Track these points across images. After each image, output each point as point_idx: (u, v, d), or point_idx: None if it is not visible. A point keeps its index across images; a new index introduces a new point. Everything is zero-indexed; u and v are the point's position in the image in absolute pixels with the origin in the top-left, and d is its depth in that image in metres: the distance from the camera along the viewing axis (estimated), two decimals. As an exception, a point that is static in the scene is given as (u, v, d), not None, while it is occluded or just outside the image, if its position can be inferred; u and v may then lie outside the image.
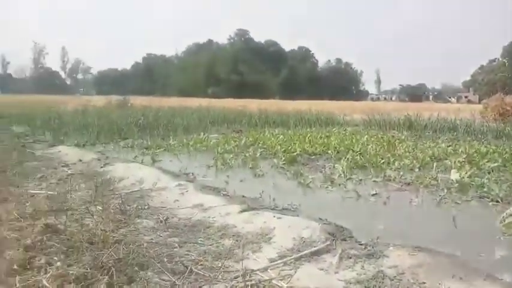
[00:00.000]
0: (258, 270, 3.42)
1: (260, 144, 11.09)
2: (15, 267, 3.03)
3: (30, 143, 11.87)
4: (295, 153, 9.41)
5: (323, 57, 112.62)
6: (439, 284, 3.09)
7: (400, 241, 3.90)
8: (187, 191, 5.96)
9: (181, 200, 5.59)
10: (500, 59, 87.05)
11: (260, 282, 3.22)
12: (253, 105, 27.22)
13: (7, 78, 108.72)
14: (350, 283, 3.18)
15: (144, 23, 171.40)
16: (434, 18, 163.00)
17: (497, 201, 5.59)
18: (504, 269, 3.40)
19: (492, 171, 7.53)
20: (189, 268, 3.35)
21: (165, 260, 3.51)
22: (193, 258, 3.64)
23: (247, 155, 9.51)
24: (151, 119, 17.12)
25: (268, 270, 3.44)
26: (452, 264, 3.36)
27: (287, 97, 59.49)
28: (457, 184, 6.41)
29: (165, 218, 4.80)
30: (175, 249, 3.83)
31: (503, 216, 4.70)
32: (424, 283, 3.12)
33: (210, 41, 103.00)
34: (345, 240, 4.03)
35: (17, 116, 20.91)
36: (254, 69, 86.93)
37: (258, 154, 9.65)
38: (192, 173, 7.47)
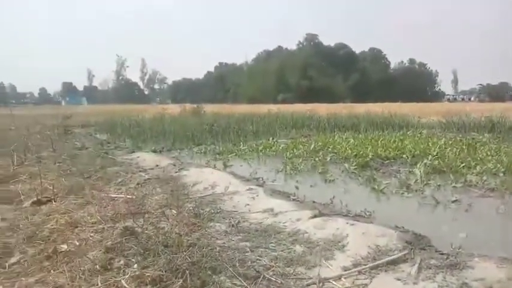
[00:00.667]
0: (332, 278, 3.31)
1: (330, 149, 10.84)
2: (97, 267, 3.20)
3: (111, 150, 12.68)
4: (367, 158, 9.07)
5: (396, 58, 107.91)
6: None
7: (485, 251, 3.57)
8: (257, 196, 5.97)
9: (252, 205, 5.60)
10: None
11: (334, 291, 3.11)
12: (322, 109, 26.85)
13: (93, 90, 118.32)
14: (431, 296, 2.96)
15: (217, 33, 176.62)
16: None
17: None
18: None
19: None
20: (261, 275, 3.32)
21: (237, 264, 3.51)
22: (264, 263, 3.61)
23: (316, 159, 9.35)
24: (223, 125, 17.52)
25: (342, 279, 3.31)
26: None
27: (358, 100, 57.99)
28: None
29: (236, 222, 4.83)
30: (247, 254, 3.82)
31: None
32: (517, 300, 2.81)
33: (279, 48, 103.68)
34: (424, 249, 3.77)
35: (101, 125, 22.55)
36: (323, 73, 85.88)
37: (328, 159, 9.44)
38: (262, 178, 7.48)
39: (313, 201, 5.60)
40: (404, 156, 9.35)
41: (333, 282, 3.24)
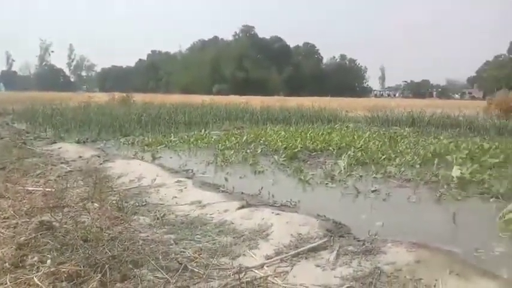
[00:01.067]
0: (254, 267, 3.39)
1: (261, 141, 11.04)
2: (6, 265, 3.00)
3: (30, 140, 11.88)
4: (296, 150, 9.36)
5: (328, 54, 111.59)
6: (436, 280, 3.04)
7: (398, 237, 3.85)
8: (186, 188, 5.92)
9: (180, 197, 5.56)
10: (506, 55, 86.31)
11: (255, 279, 3.19)
12: (256, 101, 27.16)
13: (12, 76, 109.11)
14: (346, 280, 3.15)
15: (149, 20, 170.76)
16: (440, 14, 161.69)
17: (498, 198, 5.53)
18: (502, 265, 3.35)
19: (493, 167, 7.46)
20: (183, 265, 3.32)
21: (160, 257, 3.48)
22: (188, 255, 3.61)
23: (248, 151, 9.48)
24: (153, 115, 17.09)
25: (264, 267, 3.40)
26: (450, 261, 3.30)
27: (291, 93, 59.36)
28: (457, 180, 6.35)
29: (162, 214, 4.77)
30: (171, 247, 3.79)
31: (502, 213, 4.66)
32: (421, 279, 3.07)
33: (215, 38, 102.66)
34: (343, 236, 3.99)
35: (19, 113, 20.95)
36: (259, 66, 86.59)
37: (259, 151, 9.61)
38: (192, 170, 7.44)
39: (242, 193, 5.68)
40: (331, 148, 9.79)
41: (255, 270, 3.32)
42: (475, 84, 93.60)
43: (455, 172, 6.64)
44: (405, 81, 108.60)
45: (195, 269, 3.29)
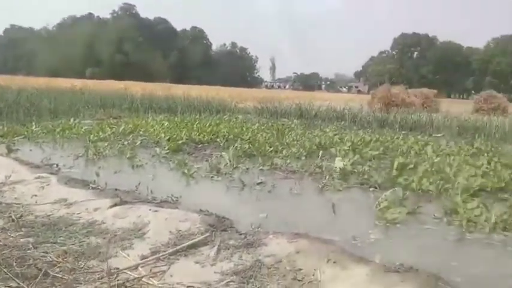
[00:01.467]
0: (127, 268, 3.33)
1: (141, 132, 10.79)
2: None
3: None
4: (180, 142, 9.33)
5: (217, 41, 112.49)
6: (315, 269, 3.32)
7: (280, 229, 4.10)
8: (48, 185, 5.53)
9: (41, 195, 5.18)
10: (389, 51, 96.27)
11: (128, 281, 3.14)
12: (137, 88, 26.34)
13: None
14: (226, 274, 3.26)
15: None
16: (330, 8, 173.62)
17: (376, 188, 6.19)
18: (375, 251, 3.77)
19: (373, 158, 8.32)
20: (43, 271, 3.12)
21: (14, 264, 3.22)
22: (50, 260, 3.40)
23: (125, 143, 9.19)
24: (11, 101, 15.50)
25: (139, 268, 3.36)
26: (329, 250, 3.62)
27: (177, 81, 58.72)
28: (340, 171, 6.95)
29: (18, 216, 4.40)
30: (28, 251, 3.53)
31: (378, 202, 5.24)
32: (301, 269, 3.32)
33: (89, 15, 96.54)
34: (225, 230, 4.11)
35: None
36: (141, 49, 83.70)
37: (139, 142, 9.39)
38: (57, 164, 6.95)
39: (116, 189, 5.49)
40: (218, 140, 9.96)
41: (128, 272, 3.27)
42: (361, 79, 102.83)
43: (338, 163, 7.26)
44: (295, 73, 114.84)
45: (58, 275, 3.12)
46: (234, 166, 7.34)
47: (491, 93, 27.39)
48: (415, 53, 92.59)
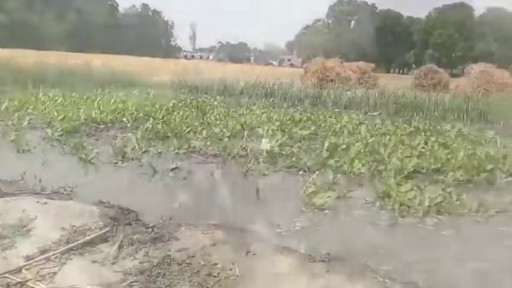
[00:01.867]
0: (8, 272, 3.20)
1: (30, 110, 10.30)
2: None
3: None
4: (78, 122, 9.03)
5: (125, 2, 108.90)
6: (232, 263, 3.39)
7: (195, 220, 4.14)
8: None
9: None
10: (325, 20, 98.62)
11: (9, 286, 3.02)
12: (23, 57, 24.86)
13: None
14: (130, 274, 3.24)
15: None
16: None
17: (305, 171, 6.41)
18: (301, 240, 3.94)
19: (304, 139, 8.60)
20: None
21: None
22: None
23: (9, 123, 8.74)
24: None
25: (23, 271, 3.24)
26: (249, 240, 3.72)
27: (75, 49, 56.06)
28: (266, 154, 7.10)
29: None
30: None
31: (306, 186, 5.45)
32: (216, 264, 3.39)
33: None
34: (130, 224, 4.08)
35: None
36: (26, 7, 78.67)
37: (26, 123, 8.98)
38: None
39: (-6, 179, 5.23)
40: (125, 119, 9.73)
41: (10, 276, 3.14)
42: (294, 51, 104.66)
43: (264, 145, 7.42)
44: (220, 43, 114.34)
45: None
46: (144, 150, 7.25)
47: (432, 67, 29.07)
48: (352, 22, 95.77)
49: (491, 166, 6.62)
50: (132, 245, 3.64)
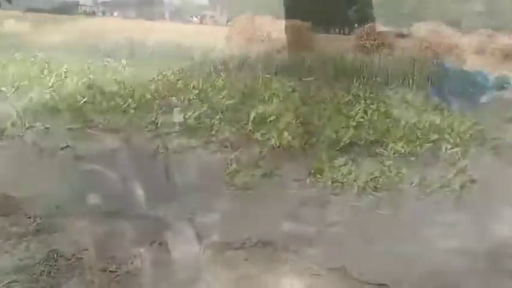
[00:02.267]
0: None
1: None
2: None
3: None
4: None
5: None
6: (134, 255, 3.38)
7: (88, 208, 4.09)
8: None
9: None
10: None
11: None
12: None
13: None
14: (6, 274, 3.15)
15: None
16: None
17: (227, 147, 6.43)
18: (218, 226, 3.97)
19: (227, 109, 8.57)
20: None
21: None
22: None
23: None
24: None
25: None
26: (153, 230, 3.71)
27: None
28: (180, 127, 7.05)
29: None
30: None
31: (227, 164, 5.49)
32: (114, 257, 3.36)
33: None
34: (5, 215, 3.98)
35: None
36: None
37: None
38: None
39: None
40: (4, 89, 9.30)
41: None
42: (218, 6, 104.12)
43: (177, 117, 7.36)
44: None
45: None
46: (28, 126, 6.97)
47: (375, 26, 29.76)
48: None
49: (436, 136, 6.93)
50: (10, 239, 3.54)
